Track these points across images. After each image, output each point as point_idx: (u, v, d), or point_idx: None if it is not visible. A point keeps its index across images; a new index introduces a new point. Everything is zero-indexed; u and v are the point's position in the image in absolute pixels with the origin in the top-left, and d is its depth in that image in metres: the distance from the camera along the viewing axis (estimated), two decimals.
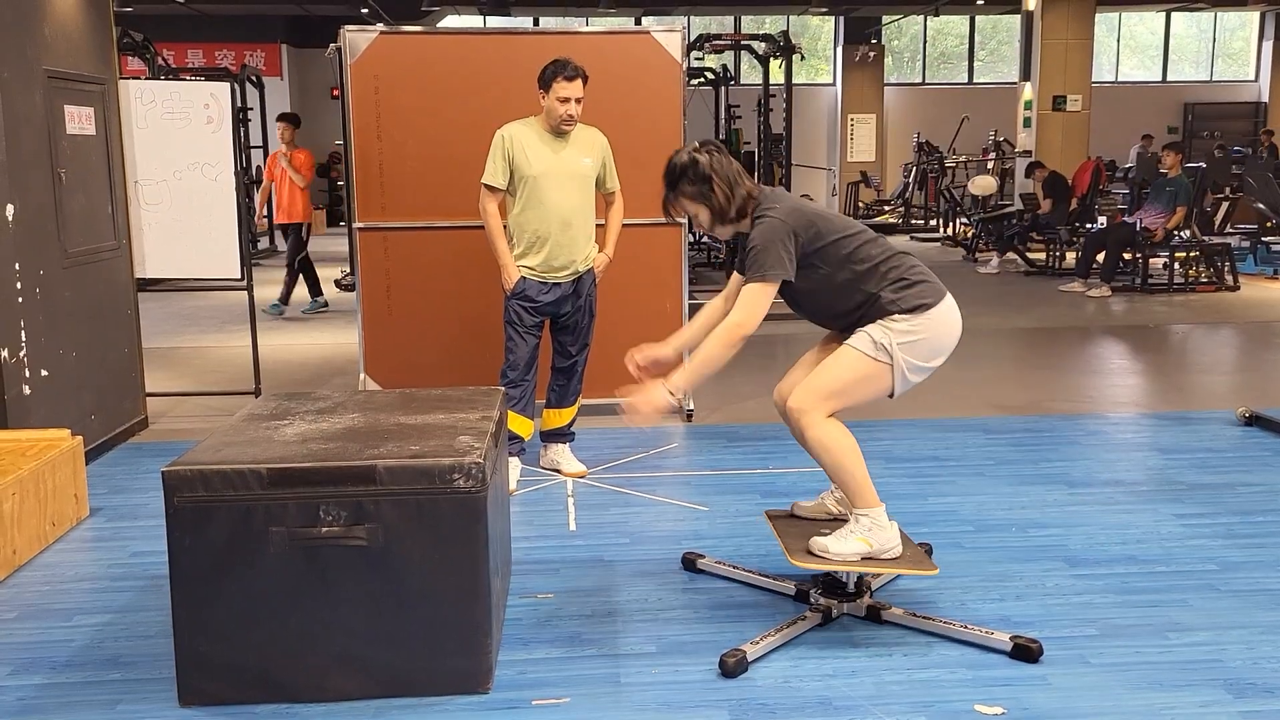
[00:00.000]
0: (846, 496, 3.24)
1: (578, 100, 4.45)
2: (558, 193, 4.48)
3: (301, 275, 9.93)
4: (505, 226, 4.58)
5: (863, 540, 3.16)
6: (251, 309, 6.34)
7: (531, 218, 4.49)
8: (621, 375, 5.34)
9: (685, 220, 3.29)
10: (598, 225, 4.75)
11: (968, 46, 23.12)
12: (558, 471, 4.85)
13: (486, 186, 4.52)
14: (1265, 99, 22.55)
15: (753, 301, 3.11)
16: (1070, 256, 12.08)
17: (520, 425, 4.63)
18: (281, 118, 9.81)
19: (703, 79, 14.61)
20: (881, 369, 3.14)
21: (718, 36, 12.94)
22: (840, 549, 3.15)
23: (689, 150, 3.25)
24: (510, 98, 5.57)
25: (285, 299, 9.90)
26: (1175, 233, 10.69)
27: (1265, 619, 3.28)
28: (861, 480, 3.18)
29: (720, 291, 3.53)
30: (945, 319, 3.20)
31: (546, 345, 4.75)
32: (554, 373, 4.81)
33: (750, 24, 21.52)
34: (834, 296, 3.22)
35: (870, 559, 3.16)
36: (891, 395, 3.21)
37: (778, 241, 3.11)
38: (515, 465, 4.71)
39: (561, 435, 4.90)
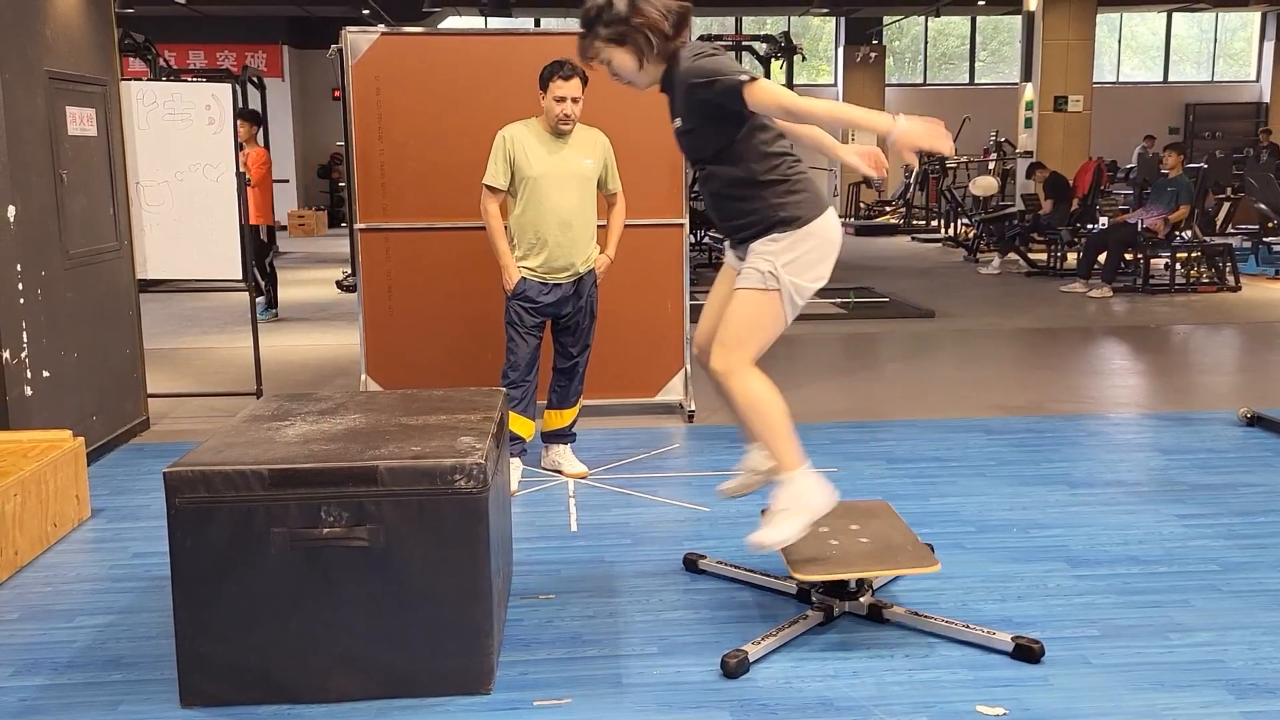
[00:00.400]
0: (775, 457, 3.13)
1: (575, 100, 4.44)
2: (558, 194, 4.48)
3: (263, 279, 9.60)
4: (506, 227, 4.58)
5: (796, 515, 3.06)
6: (253, 310, 6.34)
7: (532, 219, 4.49)
8: (622, 377, 5.33)
9: (601, 69, 3.14)
10: (599, 226, 4.75)
11: (969, 47, 23.12)
12: (559, 472, 4.85)
13: (487, 187, 4.53)
14: (1266, 99, 22.53)
15: (774, 86, 2.93)
16: (1071, 257, 12.07)
17: (521, 426, 4.63)
18: (240, 114, 9.47)
19: None
20: (772, 299, 3.06)
21: (719, 37, 12.97)
22: (779, 536, 3.05)
23: None
24: (511, 99, 5.57)
25: (272, 303, 9.70)
26: (1177, 233, 10.69)
27: (1267, 619, 3.27)
28: (788, 440, 3.09)
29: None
30: (826, 233, 3.12)
31: (548, 346, 4.75)
32: (555, 374, 4.81)
33: (751, 24, 21.52)
34: (732, 192, 3.13)
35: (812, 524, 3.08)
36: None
37: (735, 62, 2.98)
38: (516, 466, 4.71)
39: (563, 436, 4.90)
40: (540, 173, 4.46)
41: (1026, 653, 3.01)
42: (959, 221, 15.88)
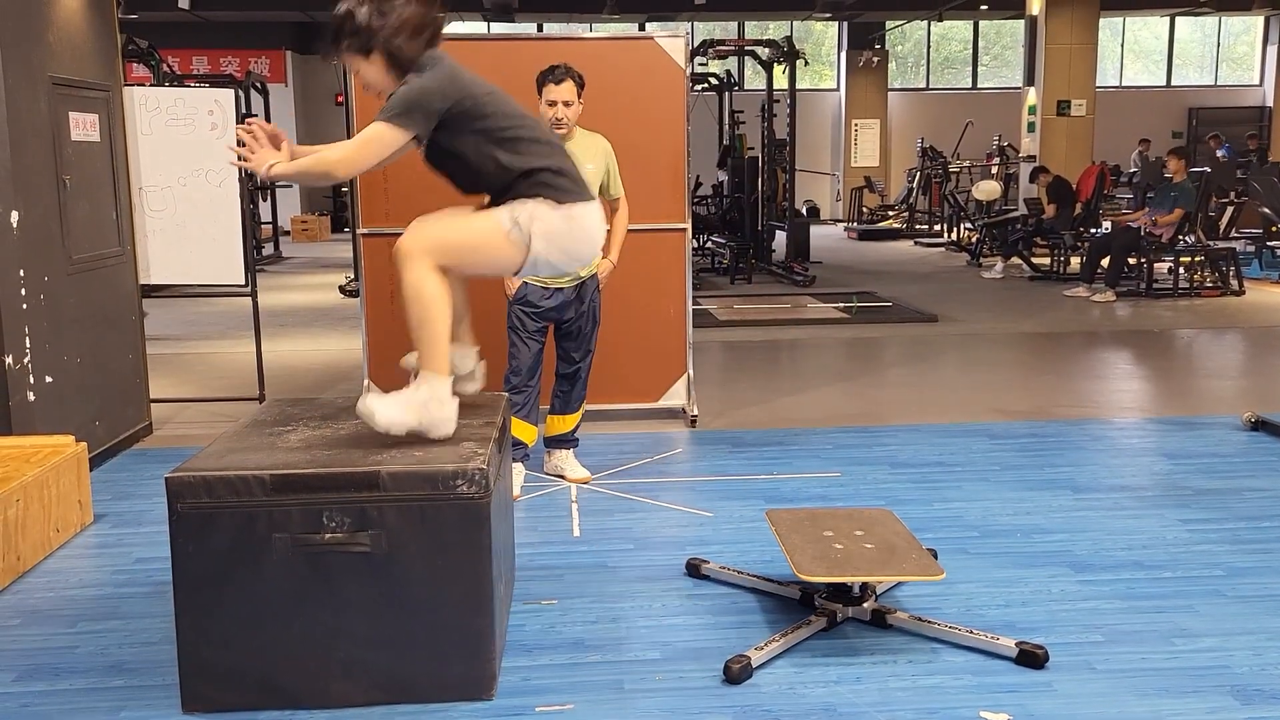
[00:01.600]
0: (420, 354, 3.07)
1: (566, 103, 4.45)
2: None
3: None
4: None
5: (415, 412, 2.98)
6: (255, 315, 6.34)
7: None
8: (624, 382, 5.32)
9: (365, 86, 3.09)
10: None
11: (971, 51, 23.12)
12: (561, 477, 4.85)
13: None
14: (1270, 103, 22.51)
15: (371, 139, 2.91)
16: (1075, 261, 12.06)
17: (524, 431, 4.62)
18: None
19: (706, 84, 14.63)
20: (512, 246, 3.03)
21: (721, 42, 12.96)
22: (388, 413, 2.94)
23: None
24: None
25: None
26: (1180, 237, 10.67)
27: (1272, 625, 3.26)
28: (441, 342, 3.03)
29: (723, 296, 3.48)
30: (588, 220, 3.10)
31: (550, 351, 4.74)
32: (558, 379, 4.80)
33: (754, 29, 21.54)
34: (480, 174, 3.12)
35: (417, 434, 2.99)
36: (517, 273, 3.15)
37: (431, 94, 2.93)
38: (519, 471, 4.71)
39: (565, 441, 4.89)
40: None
41: (1031, 658, 3.00)
42: (962, 226, 15.87)
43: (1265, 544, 3.93)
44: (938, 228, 17.81)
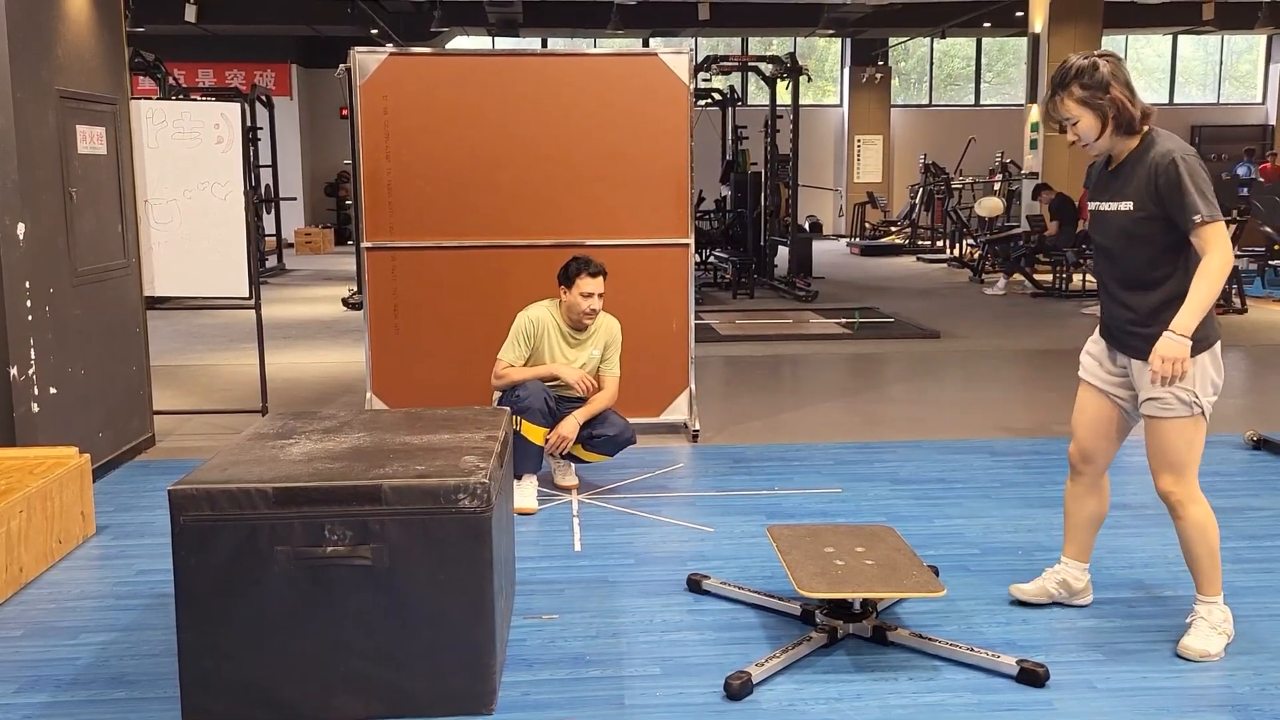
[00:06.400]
0: (1203, 579, 3.23)
1: (600, 295, 4.67)
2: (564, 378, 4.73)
3: None
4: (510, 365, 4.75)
5: (1223, 635, 3.21)
6: (259, 327, 6.36)
7: (534, 375, 4.72)
8: (626, 397, 5.34)
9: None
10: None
11: (974, 68, 23.19)
12: (550, 481, 4.88)
13: (501, 361, 4.74)
14: (1272, 121, 22.55)
15: (1223, 239, 2.95)
16: (1078, 279, 12.06)
17: (534, 433, 4.60)
18: None
19: (710, 100, 14.68)
20: (1199, 422, 3.11)
21: (725, 58, 13.02)
22: (1202, 646, 3.17)
23: (1086, 55, 3.08)
24: (518, 119, 5.61)
25: None
26: None
27: (1274, 644, 3.26)
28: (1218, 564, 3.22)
29: (725, 311, 3.51)
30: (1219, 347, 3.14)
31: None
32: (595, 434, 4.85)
33: (757, 45, 21.61)
34: (1152, 281, 3.10)
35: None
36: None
37: (1207, 181, 2.99)
38: (531, 483, 4.67)
39: (571, 458, 4.88)
40: (555, 364, 4.73)
41: (1031, 676, 3.00)
42: (964, 242, 15.89)
43: (1267, 563, 3.93)
44: (940, 244, 17.83)
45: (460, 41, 19.42)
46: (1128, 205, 3.09)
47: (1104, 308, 3.28)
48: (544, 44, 19.98)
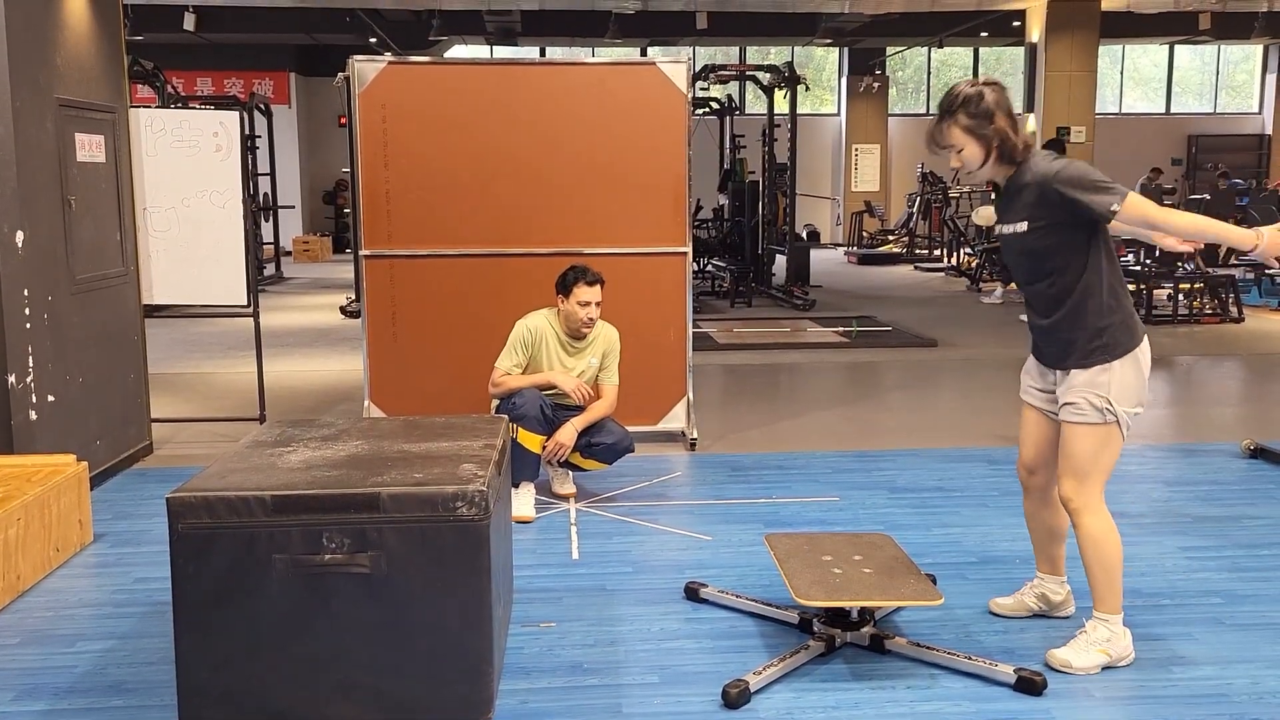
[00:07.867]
0: (1099, 595, 3.22)
1: (598, 303, 4.67)
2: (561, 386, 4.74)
3: None
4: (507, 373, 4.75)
5: (1101, 652, 3.16)
6: (257, 335, 6.36)
7: (531, 382, 4.72)
8: (624, 405, 5.33)
9: (953, 149, 3.19)
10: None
11: (972, 78, 23.23)
12: (548, 489, 4.88)
13: (499, 369, 4.74)
14: (1269, 131, 22.62)
15: (1148, 203, 3.02)
16: None
17: (531, 441, 4.61)
18: None
19: (708, 109, 14.72)
20: (1112, 431, 3.10)
21: (723, 67, 13.05)
22: (1079, 660, 3.14)
23: (973, 83, 3.15)
24: (516, 128, 5.62)
25: None
26: (1179, 264, 10.70)
27: (1270, 653, 3.26)
28: (1119, 582, 3.23)
29: (723, 319, 3.52)
30: (1145, 357, 3.15)
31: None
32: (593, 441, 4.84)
33: (755, 55, 21.67)
34: (1060, 296, 3.11)
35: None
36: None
37: (1091, 172, 3.02)
38: (529, 491, 4.67)
39: (569, 466, 4.88)
40: (552, 371, 4.73)
41: (1029, 685, 3.00)
42: (962, 251, 15.91)
43: (1263, 572, 3.93)
44: (937, 253, 17.86)
45: (459, 51, 19.46)
46: (1022, 225, 3.13)
47: (1029, 325, 3.31)
48: (542, 53, 20.01)
